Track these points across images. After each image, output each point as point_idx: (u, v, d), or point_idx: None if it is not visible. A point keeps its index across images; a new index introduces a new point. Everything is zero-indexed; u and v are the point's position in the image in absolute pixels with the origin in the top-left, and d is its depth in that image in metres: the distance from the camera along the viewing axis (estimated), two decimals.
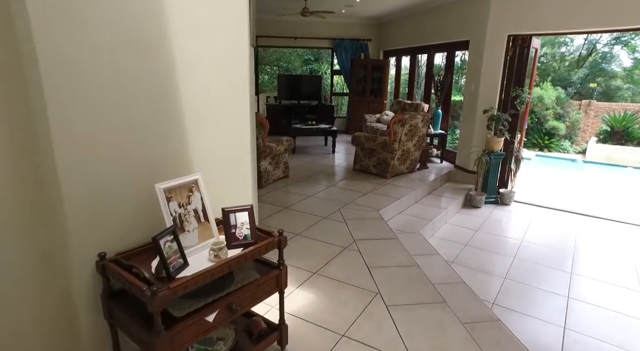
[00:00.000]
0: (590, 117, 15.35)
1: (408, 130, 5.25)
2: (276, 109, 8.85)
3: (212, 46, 1.98)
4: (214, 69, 2.01)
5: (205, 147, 2.05)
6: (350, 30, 9.08)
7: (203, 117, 2.02)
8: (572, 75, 16.69)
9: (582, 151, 14.57)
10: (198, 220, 1.80)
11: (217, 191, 2.07)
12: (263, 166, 4.81)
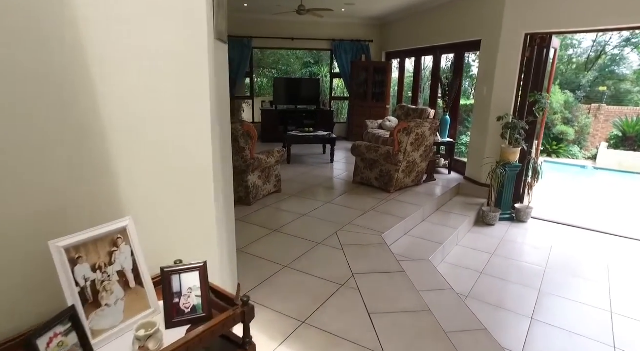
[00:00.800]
0: (600, 122, 14.78)
1: (414, 140, 4.71)
2: (272, 115, 8.33)
3: (151, 40, 1.45)
4: (155, 72, 1.48)
5: (142, 178, 1.52)
6: (351, 31, 8.57)
7: (139, 137, 1.48)
8: (581, 78, 16.14)
9: (591, 157, 14.00)
10: (125, 285, 1.26)
11: (163, 239, 1.54)
12: (251, 181, 4.28)
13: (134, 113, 1.46)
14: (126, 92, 1.43)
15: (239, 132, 3.99)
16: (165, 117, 1.55)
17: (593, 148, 14.49)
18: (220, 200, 1.92)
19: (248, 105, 8.69)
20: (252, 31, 8.21)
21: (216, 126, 1.80)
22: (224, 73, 2.17)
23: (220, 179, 1.93)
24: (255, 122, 9.13)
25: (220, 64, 1.99)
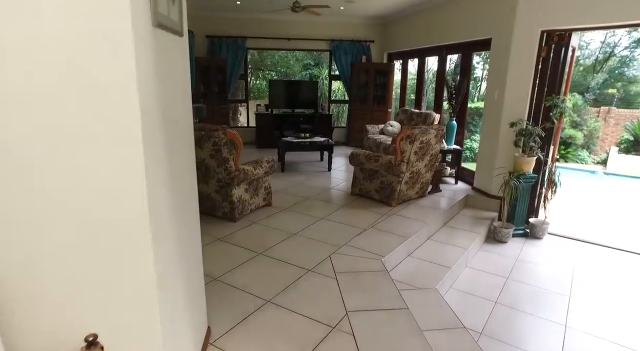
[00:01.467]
0: (610, 125, 14.29)
1: (418, 148, 4.26)
2: (267, 119, 7.90)
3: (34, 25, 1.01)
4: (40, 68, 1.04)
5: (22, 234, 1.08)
6: (351, 31, 8.14)
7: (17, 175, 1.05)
8: (589, 80, 15.65)
9: (601, 162, 13.51)
10: None
11: (69, 311, 1.09)
12: (236, 194, 3.83)
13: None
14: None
15: (222, 140, 3.55)
16: (60, 142, 1.11)
17: (602, 152, 14.00)
18: (169, 242, 1.48)
19: (257, 106, 8.24)
20: (246, 31, 7.79)
21: (159, 152, 1.36)
22: (181, 76, 1.73)
23: (168, 222, 1.48)
24: (250, 126, 8.70)
25: (171, 63, 1.55)
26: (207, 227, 3.77)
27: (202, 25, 7.60)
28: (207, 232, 3.65)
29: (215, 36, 7.67)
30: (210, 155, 3.66)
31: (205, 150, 3.64)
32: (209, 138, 3.57)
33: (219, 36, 7.67)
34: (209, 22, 7.65)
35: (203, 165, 3.76)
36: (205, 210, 4.05)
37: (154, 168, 1.30)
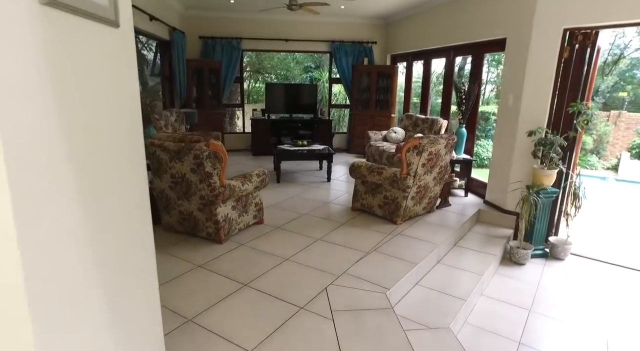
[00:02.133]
0: (620, 130, 13.82)
1: (426, 160, 3.82)
2: (263, 124, 7.47)
3: None
4: None
5: None
6: (352, 32, 7.72)
7: None
8: (599, 83, 15.17)
9: (611, 167, 13.05)
10: None
11: None
12: (222, 213, 3.40)
13: None
14: None
15: (204, 153, 3.12)
16: None
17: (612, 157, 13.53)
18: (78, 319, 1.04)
19: (253, 111, 7.82)
20: (241, 31, 7.38)
21: (57, 197, 0.92)
22: (122, 82, 1.30)
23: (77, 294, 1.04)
24: (245, 132, 8.28)
25: (97, 64, 1.12)
26: (187, 251, 3.34)
27: (194, 25, 7.20)
28: (187, 257, 3.21)
29: (208, 37, 7.26)
30: (192, 170, 3.22)
31: (186, 163, 3.21)
32: (189, 150, 3.14)
33: (212, 37, 7.26)
34: (202, 22, 7.25)
35: (184, 181, 3.33)
36: (188, 229, 3.62)
37: (44, 223, 0.87)
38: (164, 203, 3.60)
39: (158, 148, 3.29)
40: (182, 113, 6.10)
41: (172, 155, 3.24)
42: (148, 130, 4.48)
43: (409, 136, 6.48)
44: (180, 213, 3.55)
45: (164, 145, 3.24)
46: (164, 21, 5.69)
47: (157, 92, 6.56)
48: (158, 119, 5.15)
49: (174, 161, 3.27)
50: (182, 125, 6.09)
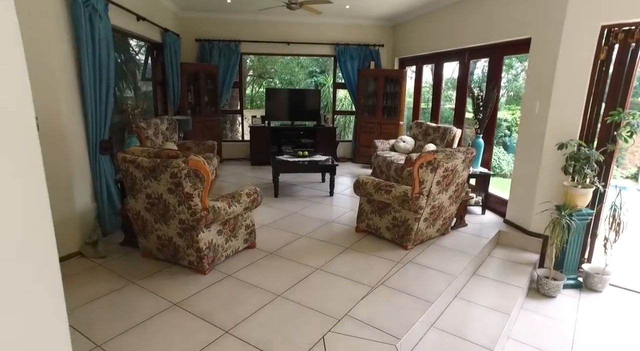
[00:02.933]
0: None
1: (442, 177, 3.33)
2: (263, 132, 7.02)
3: None
4: None
5: None
6: (358, 34, 7.26)
7: None
8: None
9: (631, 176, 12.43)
10: None
11: None
12: (205, 239, 2.93)
13: None
14: None
15: (182, 171, 2.66)
16: None
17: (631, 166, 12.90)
18: None
19: (252, 117, 7.37)
20: (240, 34, 6.96)
21: None
22: None
23: None
24: (245, 140, 7.83)
25: None
26: (164, 284, 2.87)
27: (190, 27, 6.80)
28: (162, 292, 2.75)
29: (205, 40, 6.85)
30: (169, 190, 2.76)
31: (162, 183, 2.75)
32: (165, 168, 2.68)
33: (209, 40, 6.85)
34: (199, 24, 6.84)
35: (161, 202, 2.87)
36: (168, 257, 3.16)
37: None
38: (140, 226, 3.15)
39: (130, 164, 2.83)
40: (174, 120, 5.67)
41: (146, 172, 2.79)
42: (129, 141, 4.04)
43: (419, 146, 5.99)
44: (159, 239, 3.09)
45: (137, 161, 2.79)
46: (155, 22, 5.28)
47: (150, 98, 6.15)
48: (145, 128, 4.71)
49: (148, 179, 2.81)
50: (174, 134, 5.66)
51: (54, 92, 3.03)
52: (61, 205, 3.18)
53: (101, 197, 3.58)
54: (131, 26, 4.55)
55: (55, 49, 3.04)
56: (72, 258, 3.29)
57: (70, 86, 3.22)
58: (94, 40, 3.33)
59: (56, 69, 3.05)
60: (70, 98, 3.23)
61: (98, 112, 3.46)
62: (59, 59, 3.08)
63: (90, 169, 3.53)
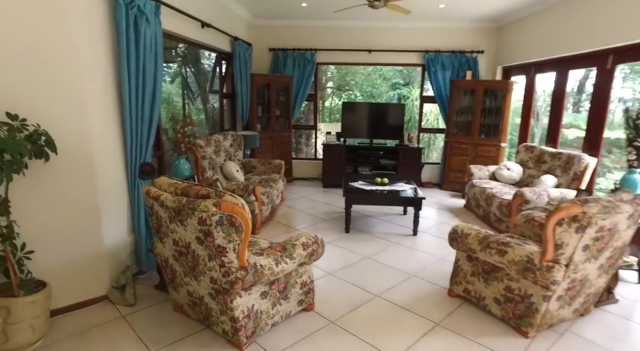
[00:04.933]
0: None
1: (593, 240, 2.19)
2: (337, 151, 6.24)
3: None
4: None
5: None
6: (451, 39, 6.19)
7: None
8: None
9: None
10: None
11: None
12: (244, 305, 2.17)
13: None
14: None
15: (212, 217, 1.93)
16: None
17: None
18: None
19: (327, 134, 6.67)
20: (316, 42, 6.32)
21: None
22: None
23: None
24: (317, 158, 7.13)
25: None
26: None
27: (263, 36, 6.32)
28: None
29: (279, 49, 6.32)
30: (198, 239, 2.06)
31: (190, 229, 2.06)
32: (192, 210, 1.98)
33: (283, 49, 6.31)
34: (273, 33, 6.34)
35: (189, 252, 2.18)
36: (200, 317, 2.47)
37: None
38: (170, 276, 2.50)
39: (154, 201, 2.19)
40: (239, 136, 5.14)
41: (171, 214, 2.12)
42: (176, 163, 3.48)
43: (529, 175, 4.73)
44: (189, 295, 2.42)
45: (161, 198, 2.14)
46: (223, 30, 4.82)
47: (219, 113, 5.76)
48: (202, 146, 4.19)
49: (174, 223, 2.14)
50: (238, 151, 5.13)
51: (85, 106, 2.53)
52: (87, 241, 2.67)
53: (138, 230, 3.05)
54: (194, 34, 4.08)
55: (90, 56, 2.56)
56: (98, 303, 2.77)
57: (107, 99, 2.73)
58: (138, 47, 2.82)
59: (91, 79, 2.56)
60: (107, 113, 2.74)
61: (139, 131, 2.94)
62: (94, 68, 2.60)
63: (129, 196, 3.02)
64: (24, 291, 2.29)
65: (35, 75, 2.31)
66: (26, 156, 2.08)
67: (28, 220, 2.38)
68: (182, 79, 6.06)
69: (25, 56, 2.26)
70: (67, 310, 2.65)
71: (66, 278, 2.61)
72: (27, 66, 2.27)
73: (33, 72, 2.30)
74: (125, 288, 2.77)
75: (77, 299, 2.70)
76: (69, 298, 2.65)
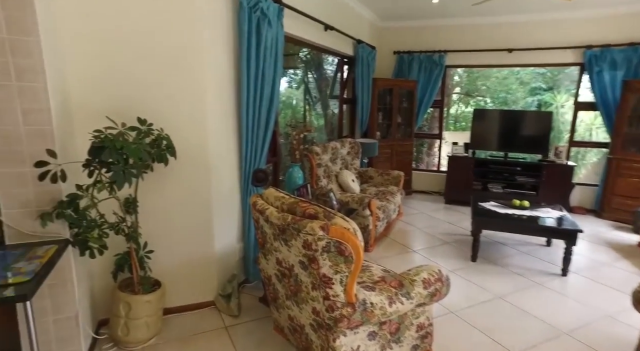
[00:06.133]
0: None
1: None
2: (464, 164, 5.53)
3: None
4: None
5: None
6: (625, 29, 4.94)
7: None
8: None
9: None
10: None
11: None
12: (347, 346, 1.84)
13: None
14: None
15: (319, 241, 1.64)
16: None
17: None
18: None
19: (453, 144, 6.04)
20: (446, 43, 5.72)
21: None
22: None
23: None
24: (440, 170, 6.47)
25: None
26: None
27: (388, 38, 5.97)
28: None
29: (404, 52, 5.89)
30: (301, 263, 1.80)
31: (294, 251, 1.81)
32: (297, 231, 1.72)
33: (409, 51, 5.86)
34: (398, 35, 5.94)
35: (292, 275, 1.94)
36: (300, 346, 2.22)
37: None
38: (272, 295, 2.31)
39: (260, 214, 2.01)
40: (357, 144, 4.88)
41: (275, 231, 1.91)
42: (290, 172, 3.33)
43: None
44: (290, 320, 2.18)
45: (266, 212, 1.94)
46: (347, 32, 4.61)
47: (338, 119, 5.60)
48: (319, 153, 4.02)
49: (278, 241, 1.92)
50: (355, 159, 4.87)
51: (205, 111, 2.52)
52: (199, 245, 2.67)
53: (247, 238, 2.97)
54: (316, 37, 3.95)
55: (213, 61, 2.54)
56: (205, 308, 2.75)
57: (225, 104, 2.70)
58: (259, 51, 2.74)
59: (212, 84, 2.54)
60: (224, 118, 2.71)
61: (255, 136, 2.86)
62: (216, 73, 2.58)
63: (241, 203, 2.96)
64: (142, 289, 2.35)
65: (164, 80, 2.35)
66: (147, 160, 2.10)
67: (148, 220, 2.45)
68: (304, 85, 6.09)
69: (157, 61, 2.32)
70: (178, 310, 2.68)
71: (179, 280, 2.63)
72: (158, 71, 2.33)
73: (163, 77, 2.35)
74: (231, 298, 2.70)
75: (187, 301, 2.71)
76: (180, 299, 2.68)
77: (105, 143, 1.79)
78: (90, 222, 1.96)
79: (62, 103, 2.00)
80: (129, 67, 2.27)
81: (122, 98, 2.28)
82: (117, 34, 2.22)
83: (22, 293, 1.43)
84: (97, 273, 2.43)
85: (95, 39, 2.18)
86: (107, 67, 2.23)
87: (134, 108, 2.27)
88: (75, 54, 2.15)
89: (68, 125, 2.09)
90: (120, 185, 1.84)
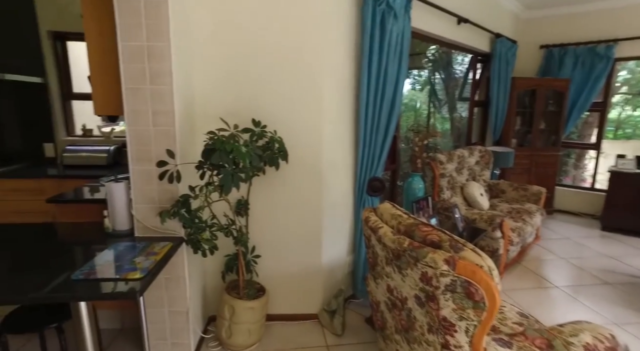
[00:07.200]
0: None
1: None
2: (633, 182, 4.41)
3: None
4: None
5: None
6: None
7: None
8: None
9: None
10: None
11: None
12: None
13: None
14: None
15: (441, 276, 1.31)
16: None
17: None
18: None
19: (617, 157, 4.89)
20: (615, 29, 4.64)
21: None
22: None
23: None
24: (595, 189, 5.31)
25: None
26: None
27: (533, 31, 5.12)
28: None
29: (554, 45, 4.97)
30: (417, 298, 1.49)
31: (408, 281, 1.51)
32: (414, 260, 1.42)
33: (561, 44, 4.92)
34: (546, 25, 5.04)
35: (404, 308, 1.64)
36: None
37: None
38: (380, 323, 2.03)
39: (372, 232, 1.75)
40: (489, 153, 4.27)
41: (388, 254, 1.63)
42: (409, 181, 2.97)
43: None
44: None
45: (379, 232, 1.67)
46: (483, 26, 4.05)
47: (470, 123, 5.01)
48: (443, 162, 3.58)
49: (391, 266, 1.64)
50: (485, 170, 4.27)
51: (322, 113, 2.37)
52: (307, 254, 2.54)
53: (359, 251, 2.74)
54: (447, 31, 3.52)
55: (334, 60, 2.38)
56: (308, 320, 2.62)
57: (342, 105, 2.52)
58: (382, 48, 2.48)
59: (330, 84, 2.39)
60: (341, 121, 2.52)
61: (373, 142, 2.61)
62: (335, 73, 2.41)
63: (353, 213, 2.75)
64: (247, 293, 2.32)
65: (281, 82, 2.28)
66: (258, 164, 2.03)
67: (256, 224, 2.41)
68: (430, 85, 5.62)
69: (276, 63, 2.25)
70: (280, 318, 2.60)
71: (283, 287, 2.55)
72: (277, 73, 2.26)
73: (280, 78, 2.27)
74: (335, 315, 2.50)
75: (290, 310, 2.61)
76: (283, 307, 2.59)
77: (216, 145, 1.75)
78: (201, 223, 1.96)
79: (185, 105, 2.05)
80: (248, 69, 2.25)
81: (239, 100, 2.27)
82: (241, 36, 2.21)
83: (134, 290, 1.45)
84: (210, 271, 2.48)
85: (221, 42, 2.20)
86: (228, 69, 2.24)
87: (250, 110, 2.24)
88: (203, 57, 2.20)
89: (189, 126, 2.14)
90: (228, 189, 1.79)
